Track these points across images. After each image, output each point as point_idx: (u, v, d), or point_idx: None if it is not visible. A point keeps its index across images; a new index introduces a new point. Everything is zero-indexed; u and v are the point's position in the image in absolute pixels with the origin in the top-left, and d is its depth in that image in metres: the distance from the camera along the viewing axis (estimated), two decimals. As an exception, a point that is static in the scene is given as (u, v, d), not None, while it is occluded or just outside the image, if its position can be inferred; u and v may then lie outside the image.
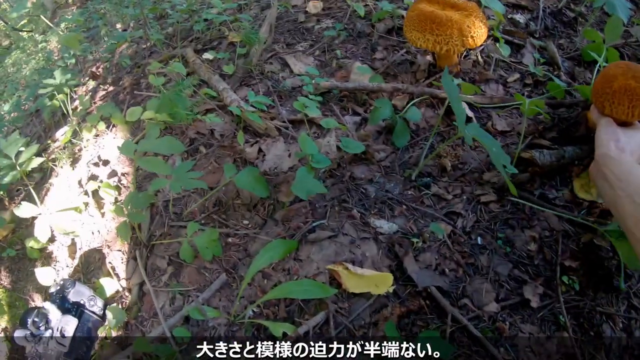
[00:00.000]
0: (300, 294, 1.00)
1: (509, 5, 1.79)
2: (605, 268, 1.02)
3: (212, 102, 1.54)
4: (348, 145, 1.21)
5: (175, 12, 2.30)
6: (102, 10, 4.23)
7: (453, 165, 1.21)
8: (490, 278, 1.02)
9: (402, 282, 1.03)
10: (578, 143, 1.22)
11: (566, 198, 1.15)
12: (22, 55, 5.08)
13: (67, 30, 4.52)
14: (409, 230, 1.10)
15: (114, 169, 1.66)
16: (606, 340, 0.95)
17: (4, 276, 1.66)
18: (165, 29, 2.40)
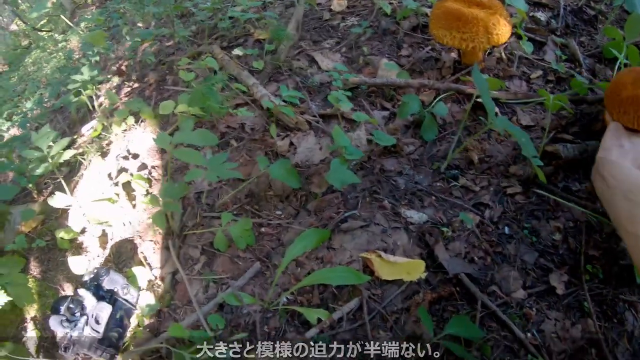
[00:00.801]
0: (335, 281, 1.03)
1: (531, 3, 1.82)
2: (627, 257, 1.05)
3: (243, 97, 1.58)
4: (380, 137, 1.25)
5: (199, 10, 2.34)
6: (121, 9, 4.28)
7: (480, 158, 1.24)
8: (517, 266, 1.06)
9: (432, 269, 1.06)
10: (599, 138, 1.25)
11: (589, 190, 1.18)
12: (43, 54, 5.13)
13: (87, 29, 4.58)
14: (439, 220, 1.14)
15: (143, 162, 1.70)
16: (628, 327, 0.98)
17: (34, 266, 1.69)
18: (189, 27, 2.44)
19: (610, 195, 0.94)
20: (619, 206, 0.91)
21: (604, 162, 1.00)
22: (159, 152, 1.70)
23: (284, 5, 2.16)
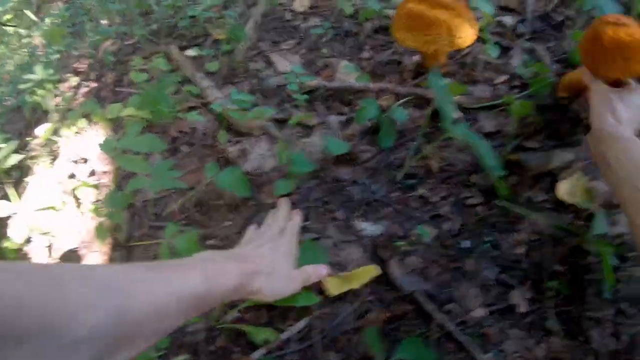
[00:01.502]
0: (281, 302, 0.97)
1: (497, 8, 1.78)
2: (592, 272, 1.00)
3: (195, 100, 1.51)
4: (332, 145, 1.18)
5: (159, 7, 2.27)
6: (87, 5, 4.19)
7: (439, 166, 1.19)
8: (477, 283, 1.00)
9: (386, 286, 1.00)
10: (567, 145, 1.21)
11: (554, 201, 1.12)
12: (6, 50, 5.02)
13: (52, 25, 4.48)
14: (394, 233, 1.08)
15: (93, 168, 1.63)
16: (595, 345, 0.92)
17: None
18: (150, 25, 2.36)
19: (615, 179, 0.87)
20: (624, 194, 0.84)
21: (602, 134, 0.92)
22: (108, 157, 1.62)
23: (246, 4, 2.10)
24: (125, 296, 0.55)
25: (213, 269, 0.72)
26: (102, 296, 0.52)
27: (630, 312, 0.97)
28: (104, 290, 0.53)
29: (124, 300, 0.54)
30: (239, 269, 0.78)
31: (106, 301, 0.52)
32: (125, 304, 0.54)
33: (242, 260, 0.83)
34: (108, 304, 0.52)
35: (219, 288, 0.71)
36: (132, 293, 0.56)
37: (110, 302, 0.53)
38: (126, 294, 0.55)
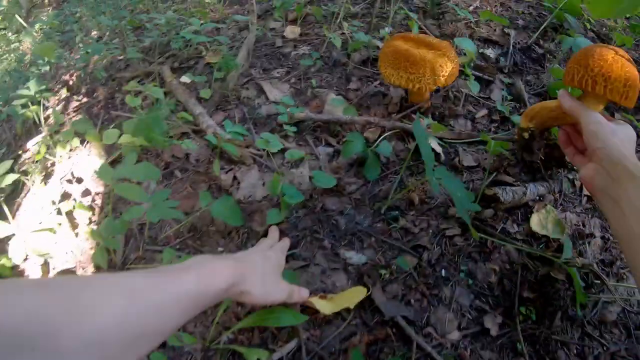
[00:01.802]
0: (273, 322, 1.07)
1: (481, 40, 1.91)
2: (561, 299, 1.13)
3: (188, 127, 1.61)
4: (319, 179, 1.29)
5: (152, 27, 2.36)
6: (77, 13, 4.24)
7: (421, 199, 1.30)
8: (453, 308, 1.11)
9: (370, 311, 1.11)
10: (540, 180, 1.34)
11: (526, 232, 1.25)
12: None
13: (41, 31, 4.52)
14: (377, 261, 1.19)
15: (87, 188, 1.71)
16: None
17: None
18: (142, 42, 2.45)
19: (628, 230, 0.79)
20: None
21: (621, 174, 0.83)
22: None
23: (238, 27, 2.20)
24: (129, 299, 0.59)
25: (205, 271, 0.77)
26: (106, 301, 0.57)
27: (595, 334, 1.10)
28: (108, 295, 0.58)
29: (128, 303, 0.59)
30: (231, 268, 0.83)
31: (110, 305, 0.57)
32: (128, 306, 0.59)
33: (234, 262, 0.87)
34: (113, 308, 0.57)
35: (212, 287, 0.76)
36: (134, 296, 0.61)
37: (115, 306, 0.57)
38: (129, 298, 0.60)
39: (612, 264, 1.21)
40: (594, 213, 1.32)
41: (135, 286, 0.63)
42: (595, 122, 0.92)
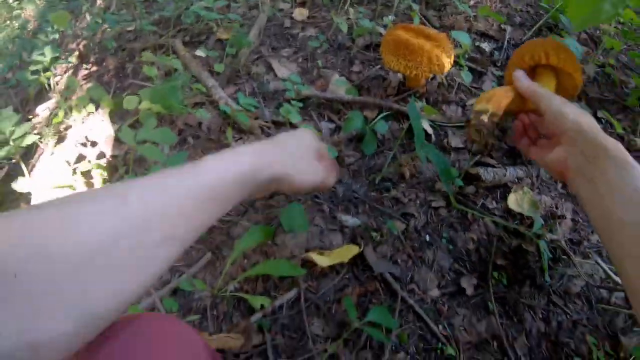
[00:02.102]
0: (276, 272, 1.25)
1: (478, 34, 2.09)
2: (530, 268, 1.32)
3: (201, 97, 1.79)
4: (324, 150, 1.49)
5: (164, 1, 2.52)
6: (82, -20, 4.34)
7: (411, 173, 1.49)
8: (434, 269, 1.30)
9: (362, 268, 1.30)
10: (519, 165, 1.54)
11: (503, 209, 1.44)
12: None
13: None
14: (370, 225, 1.38)
15: (102, 151, 1.89)
16: (527, 326, 1.23)
17: None
18: (152, 15, 2.60)
19: (608, 214, 0.73)
20: (623, 229, 0.70)
21: (600, 152, 0.77)
22: (117, 141, 1.89)
23: (248, 5, 2.37)
24: (123, 205, 0.53)
25: (222, 156, 0.70)
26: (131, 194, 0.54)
27: (560, 303, 1.29)
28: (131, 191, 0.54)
29: (125, 209, 0.52)
30: (252, 148, 0.75)
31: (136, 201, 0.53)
32: (125, 212, 0.52)
33: (257, 144, 0.78)
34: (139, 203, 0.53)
35: (233, 171, 0.67)
36: (130, 201, 0.53)
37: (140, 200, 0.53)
38: (124, 204, 0.53)
39: (580, 243, 1.41)
40: (567, 197, 1.52)
41: (153, 181, 0.58)
42: (561, 102, 0.85)
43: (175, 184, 0.59)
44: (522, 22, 2.27)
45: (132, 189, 0.55)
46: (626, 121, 1.83)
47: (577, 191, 0.83)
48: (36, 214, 0.48)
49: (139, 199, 0.54)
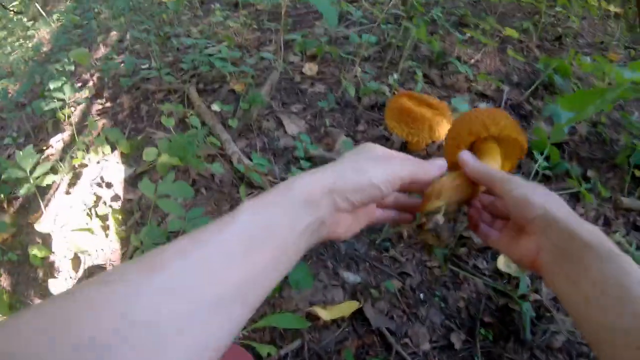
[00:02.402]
0: (283, 324, 1.41)
1: (477, 94, 2.29)
2: (515, 325, 1.47)
3: (215, 150, 1.98)
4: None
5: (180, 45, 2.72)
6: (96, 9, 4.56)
7: (409, 234, 1.67)
8: (427, 325, 1.46)
9: (361, 322, 1.47)
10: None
11: (493, 269, 1.61)
12: (7, 35, 5.34)
13: (58, 22, 4.83)
14: (369, 282, 1.55)
15: (117, 193, 2.07)
16: (511, 380, 1.39)
17: (4, 279, 1.99)
18: (167, 57, 2.80)
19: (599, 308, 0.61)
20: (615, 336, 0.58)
21: (580, 245, 0.63)
22: (132, 185, 2.07)
23: (259, 56, 2.56)
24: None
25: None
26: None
27: (542, 357, 1.45)
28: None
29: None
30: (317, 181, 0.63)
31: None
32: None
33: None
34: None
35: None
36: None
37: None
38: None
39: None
40: None
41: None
42: (521, 185, 0.72)
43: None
44: (519, 81, 2.47)
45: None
46: (615, 179, 2.00)
47: (554, 289, 0.69)
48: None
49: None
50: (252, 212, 0.56)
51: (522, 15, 3.44)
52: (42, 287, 1.87)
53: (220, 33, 2.91)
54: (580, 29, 3.38)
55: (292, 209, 0.58)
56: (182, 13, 3.62)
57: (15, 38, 5.37)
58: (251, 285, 0.52)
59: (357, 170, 0.65)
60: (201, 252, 0.50)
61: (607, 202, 1.88)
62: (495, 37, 2.82)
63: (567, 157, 2.08)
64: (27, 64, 4.29)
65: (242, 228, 0.54)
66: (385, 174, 0.67)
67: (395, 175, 0.68)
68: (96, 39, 3.76)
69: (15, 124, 3.04)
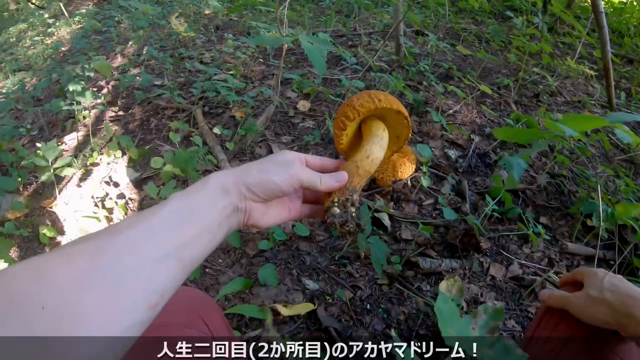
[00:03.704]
0: (248, 313, 1.77)
1: (449, 142, 2.70)
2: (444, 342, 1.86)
3: (211, 166, 2.39)
4: (299, 228, 2.05)
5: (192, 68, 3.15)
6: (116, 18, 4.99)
7: (365, 255, 2.05)
8: (369, 331, 1.80)
9: (313, 321, 1.83)
10: (455, 258, 2.10)
11: (435, 292, 1.99)
12: (28, 28, 5.72)
13: (79, 23, 5.24)
14: (326, 290, 1.91)
15: (122, 192, 2.47)
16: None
17: (14, 251, 2.34)
18: (180, 77, 3.22)
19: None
20: None
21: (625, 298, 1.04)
22: (136, 187, 2.48)
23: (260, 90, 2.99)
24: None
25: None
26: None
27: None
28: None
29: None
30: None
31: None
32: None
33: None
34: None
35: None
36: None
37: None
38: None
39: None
40: (492, 287, 2.05)
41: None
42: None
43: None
44: (490, 133, 2.87)
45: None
46: (566, 227, 2.36)
47: None
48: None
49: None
50: (180, 198, 0.74)
51: (508, 72, 3.87)
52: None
53: (230, 62, 3.35)
54: (562, 87, 3.79)
55: (210, 195, 0.77)
56: (197, 37, 4.06)
57: (36, 33, 5.76)
58: (184, 248, 0.69)
59: (260, 170, 0.83)
60: (145, 224, 0.68)
61: (554, 245, 2.24)
62: (477, 91, 3.25)
63: (523, 204, 2.47)
64: (46, 61, 4.68)
65: (174, 208, 0.72)
66: (286, 175, 0.84)
67: (295, 178, 0.85)
68: (115, 48, 4.17)
69: (30, 117, 3.43)
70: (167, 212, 0.71)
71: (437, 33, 4.07)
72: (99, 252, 0.62)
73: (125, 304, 0.61)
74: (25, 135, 3.23)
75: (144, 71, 3.50)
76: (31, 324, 0.53)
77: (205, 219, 0.74)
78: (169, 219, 0.70)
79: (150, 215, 0.70)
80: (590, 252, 2.19)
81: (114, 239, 0.64)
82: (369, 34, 4.35)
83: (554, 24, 4.97)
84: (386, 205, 2.23)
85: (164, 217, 0.70)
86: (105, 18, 5.19)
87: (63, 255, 0.61)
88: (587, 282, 1.10)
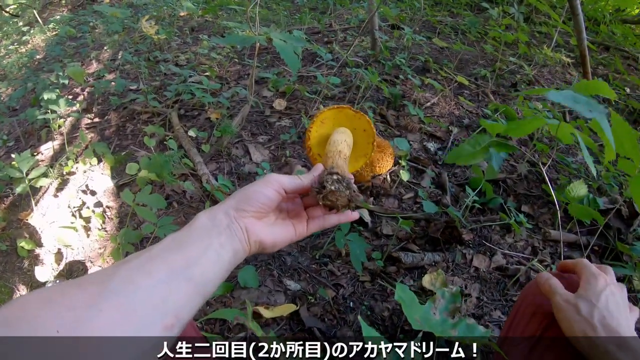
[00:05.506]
0: (231, 317, 1.78)
1: (427, 134, 2.69)
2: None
3: (187, 170, 2.36)
4: (279, 227, 2.05)
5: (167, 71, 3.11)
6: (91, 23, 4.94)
7: (347, 252, 2.04)
8: (353, 328, 1.80)
9: (296, 321, 1.82)
10: (437, 251, 2.09)
11: (419, 286, 1.97)
12: (2, 37, 5.67)
13: (53, 30, 5.19)
14: (308, 290, 1.90)
15: (99, 200, 2.44)
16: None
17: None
18: (155, 81, 3.19)
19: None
20: None
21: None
22: (113, 195, 2.44)
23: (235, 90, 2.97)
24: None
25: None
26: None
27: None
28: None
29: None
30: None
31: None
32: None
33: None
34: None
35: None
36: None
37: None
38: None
39: (481, 317, 1.93)
40: (476, 279, 2.05)
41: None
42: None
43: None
44: (469, 124, 2.87)
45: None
46: (548, 215, 2.36)
47: None
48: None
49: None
50: (174, 233, 0.79)
51: (485, 63, 3.88)
52: (27, 275, 2.21)
53: (205, 64, 3.32)
54: (540, 76, 3.80)
55: (201, 224, 0.81)
56: (172, 39, 4.02)
57: (10, 42, 5.70)
58: (191, 267, 0.73)
59: (242, 189, 0.90)
60: (148, 252, 0.72)
61: (537, 234, 2.24)
62: (454, 83, 3.25)
63: (504, 193, 2.47)
64: (21, 70, 4.63)
65: (171, 238, 0.77)
66: (265, 182, 0.90)
67: (275, 181, 0.91)
68: (90, 54, 4.13)
69: (6, 128, 3.39)
70: (166, 242, 0.76)
71: (413, 26, 4.04)
72: (110, 277, 0.66)
73: (140, 322, 0.64)
74: (1, 146, 3.19)
75: (119, 76, 3.46)
76: (44, 344, 0.55)
77: (203, 240, 0.78)
78: (169, 245, 0.75)
79: (151, 247, 0.74)
80: (573, 239, 2.19)
81: (122, 267, 0.68)
82: (345, 30, 4.34)
83: (530, 14, 4.98)
84: (365, 201, 2.21)
85: (164, 245, 0.75)
86: (80, 24, 5.15)
87: (74, 284, 0.65)
88: (583, 286, 1.03)
